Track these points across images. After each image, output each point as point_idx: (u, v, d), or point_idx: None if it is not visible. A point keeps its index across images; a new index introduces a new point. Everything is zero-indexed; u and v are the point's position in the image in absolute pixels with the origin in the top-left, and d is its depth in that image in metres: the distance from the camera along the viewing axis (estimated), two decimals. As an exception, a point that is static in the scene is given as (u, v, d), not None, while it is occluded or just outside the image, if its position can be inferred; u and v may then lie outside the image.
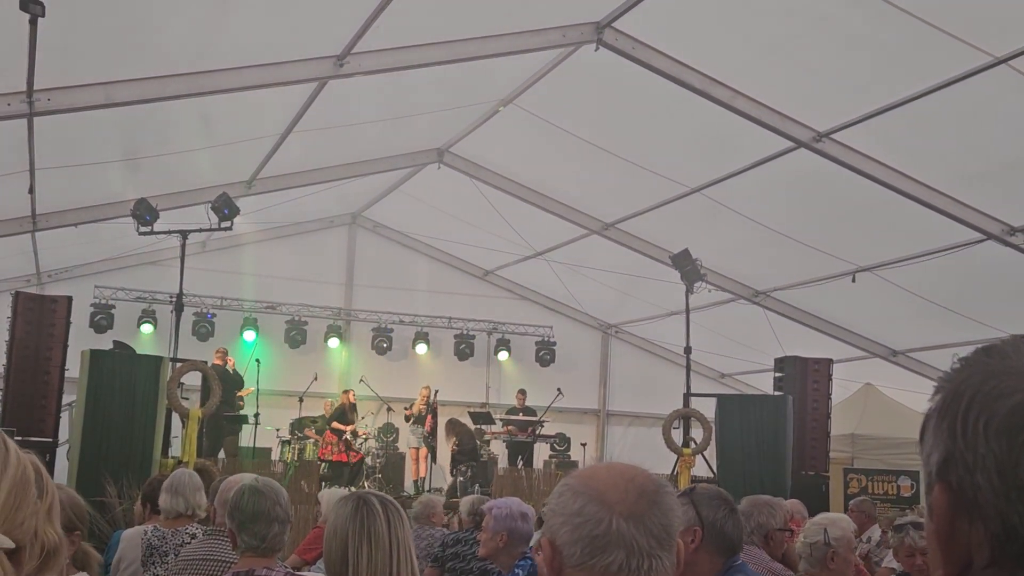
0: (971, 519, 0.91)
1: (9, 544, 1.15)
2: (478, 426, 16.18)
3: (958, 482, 0.92)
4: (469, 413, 16.50)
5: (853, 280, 13.87)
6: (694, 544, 3.18)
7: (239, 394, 14.94)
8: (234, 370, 15.09)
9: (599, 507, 1.60)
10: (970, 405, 0.93)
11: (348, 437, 15.13)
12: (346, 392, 16.12)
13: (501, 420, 16.90)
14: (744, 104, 10.92)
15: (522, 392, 17.25)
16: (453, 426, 15.83)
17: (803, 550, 4.47)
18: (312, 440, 15.35)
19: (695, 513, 3.24)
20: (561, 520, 1.63)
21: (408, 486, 16.18)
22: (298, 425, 15.58)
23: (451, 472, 15.67)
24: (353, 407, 15.73)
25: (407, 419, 16.33)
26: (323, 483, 12.59)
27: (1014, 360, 0.94)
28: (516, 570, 4.70)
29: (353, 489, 8.47)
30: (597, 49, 10.75)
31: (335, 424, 15.21)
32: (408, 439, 16.47)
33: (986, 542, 0.90)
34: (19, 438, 10.32)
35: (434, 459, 16.43)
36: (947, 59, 9.13)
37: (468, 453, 15.36)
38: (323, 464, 14.42)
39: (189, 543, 5.01)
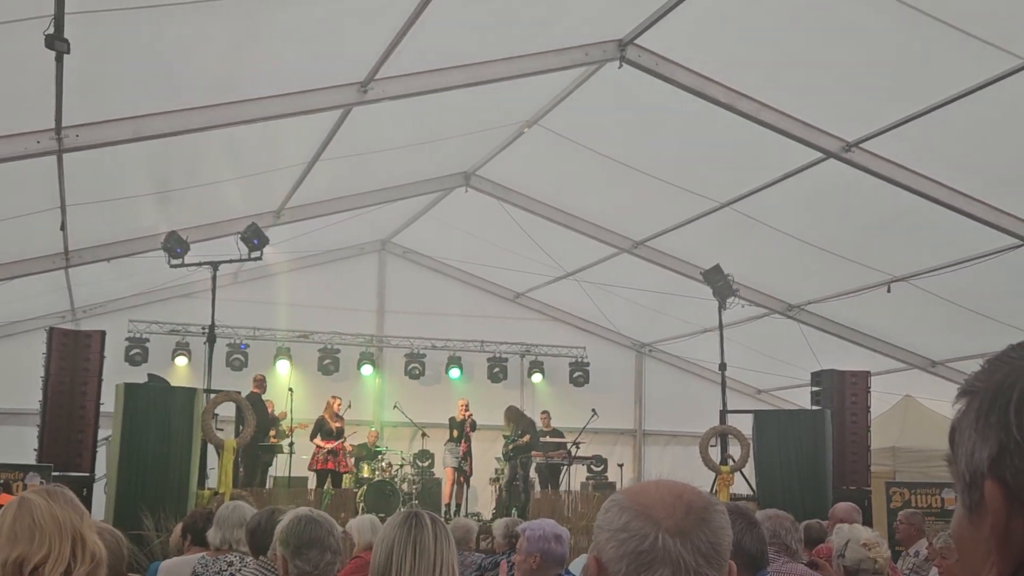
0: None
1: None
2: (520, 457, 15.82)
3: (1014, 476, 0.88)
4: (512, 449, 16.06)
5: (888, 290, 13.69)
6: None
7: (283, 428, 14.97)
8: (273, 411, 15.14)
9: (645, 522, 1.56)
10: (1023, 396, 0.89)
11: (337, 448, 15.06)
12: (332, 399, 15.62)
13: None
14: (770, 116, 10.83)
15: (545, 413, 17.10)
16: (513, 414, 15.70)
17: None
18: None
19: None
20: (607, 536, 1.59)
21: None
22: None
23: (504, 458, 15.62)
24: (337, 416, 15.35)
25: (452, 428, 16.08)
26: (359, 510, 12.55)
27: None
28: (551, 592, 4.62)
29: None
30: (620, 66, 10.71)
31: (316, 441, 15.09)
32: (445, 458, 16.28)
33: None
34: (57, 473, 10.39)
35: (467, 483, 16.30)
36: (975, 63, 9.00)
37: (532, 442, 15.46)
38: (358, 491, 14.37)
39: (226, 570, 5.08)
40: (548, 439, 16.40)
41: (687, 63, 10.53)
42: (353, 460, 15.46)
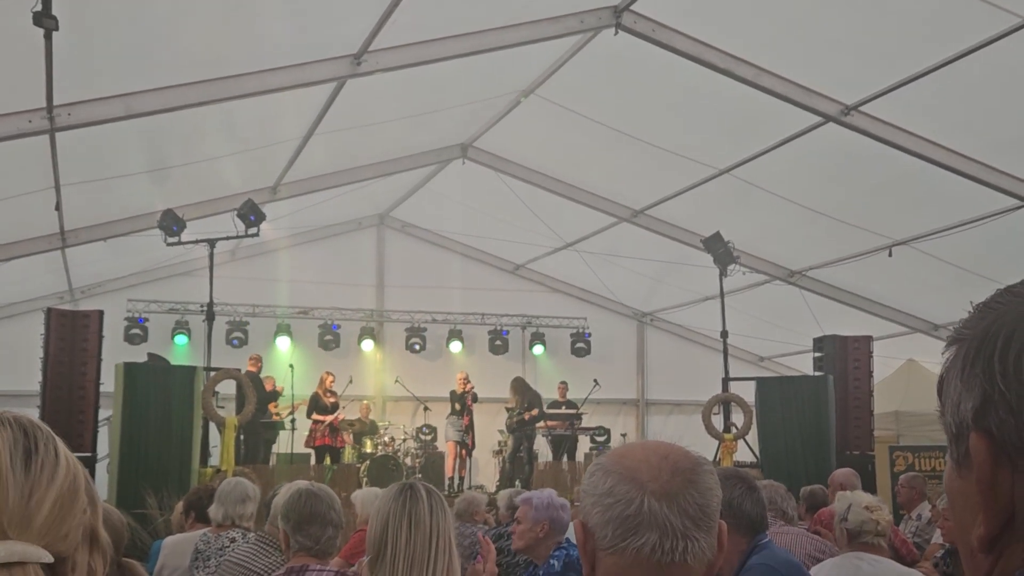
0: (1015, 468, 0.83)
1: (48, 558, 1.08)
2: (525, 429, 15.78)
3: (999, 427, 0.84)
4: (517, 422, 16.00)
5: (890, 255, 13.63)
6: None
7: (277, 410, 15.00)
8: (273, 387, 15.15)
9: (630, 486, 1.51)
10: (1008, 343, 0.85)
11: (337, 424, 15.12)
12: (325, 375, 15.69)
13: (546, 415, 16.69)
14: (769, 81, 10.73)
15: (563, 384, 17.00)
16: (519, 386, 15.69)
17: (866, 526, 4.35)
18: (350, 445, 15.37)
19: None
20: (592, 501, 1.55)
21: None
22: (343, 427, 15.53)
23: (508, 431, 15.60)
24: (330, 391, 15.40)
25: (454, 402, 16.08)
26: (362, 485, 12.54)
27: None
28: (551, 560, 4.61)
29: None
30: (616, 33, 10.59)
31: (315, 416, 15.12)
32: (447, 432, 16.28)
33: None
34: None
35: (469, 456, 16.29)
36: (973, 23, 8.91)
37: (539, 415, 15.39)
38: (361, 466, 14.36)
39: (228, 546, 5.09)
40: (564, 410, 16.37)
41: (684, 29, 10.42)
42: (352, 436, 15.44)
